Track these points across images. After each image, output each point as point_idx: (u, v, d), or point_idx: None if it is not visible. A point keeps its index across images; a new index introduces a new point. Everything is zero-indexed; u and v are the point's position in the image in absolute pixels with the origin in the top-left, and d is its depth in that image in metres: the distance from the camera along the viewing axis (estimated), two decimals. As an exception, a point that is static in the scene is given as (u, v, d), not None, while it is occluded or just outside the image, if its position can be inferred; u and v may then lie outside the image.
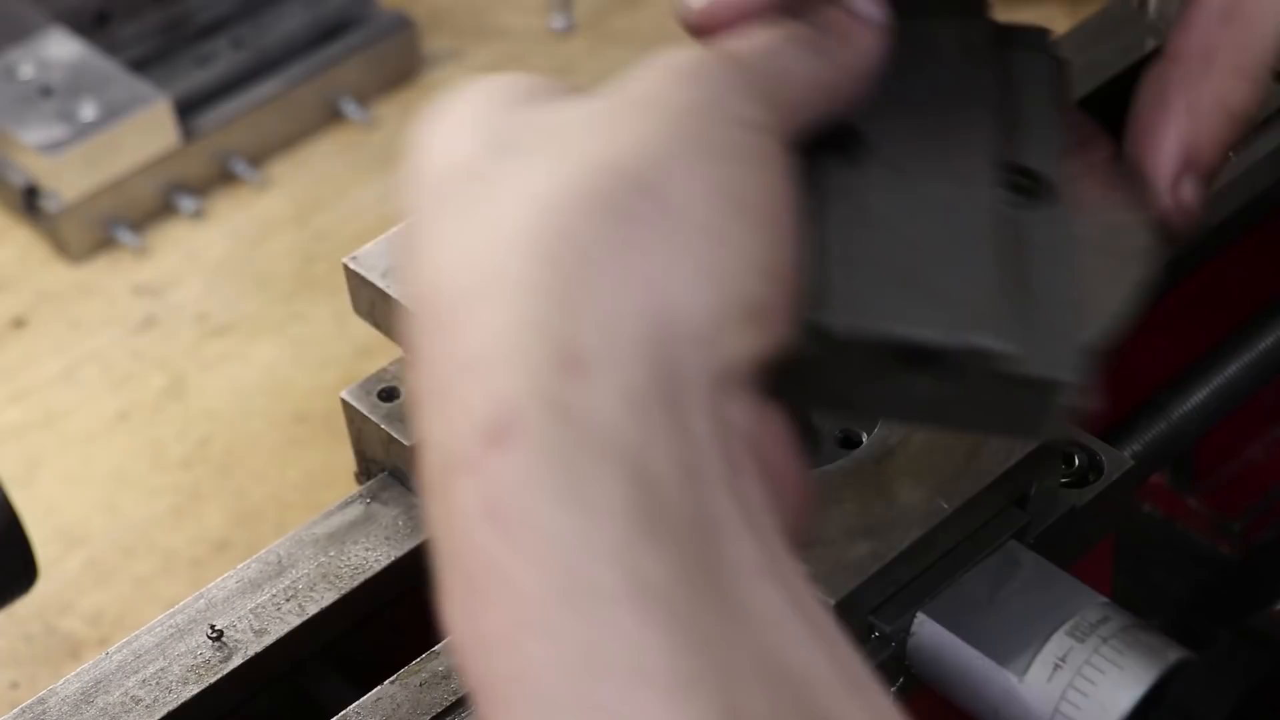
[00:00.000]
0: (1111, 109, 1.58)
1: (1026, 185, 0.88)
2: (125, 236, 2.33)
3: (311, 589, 1.30)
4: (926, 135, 0.88)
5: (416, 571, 1.33)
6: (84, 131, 2.30)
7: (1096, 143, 0.96)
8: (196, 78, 2.46)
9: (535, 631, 0.67)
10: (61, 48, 2.41)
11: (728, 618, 0.69)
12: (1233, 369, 1.51)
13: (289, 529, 1.36)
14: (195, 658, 1.26)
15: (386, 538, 1.33)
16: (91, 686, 1.25)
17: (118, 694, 1.24)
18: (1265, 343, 1.51)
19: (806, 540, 0.91)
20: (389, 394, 1.36)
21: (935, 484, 1.14)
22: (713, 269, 0.74)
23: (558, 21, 2.57)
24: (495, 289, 0.74)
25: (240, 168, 2.40)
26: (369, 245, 1.39)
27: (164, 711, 1.23)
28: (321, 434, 2.07)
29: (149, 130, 2.33)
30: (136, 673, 1.26)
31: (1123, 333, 1.00)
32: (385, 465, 1.36)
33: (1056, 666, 1.09)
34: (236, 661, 1.26)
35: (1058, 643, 1.10)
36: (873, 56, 0.86)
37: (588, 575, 0.67)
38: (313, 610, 1.29)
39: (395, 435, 1.33)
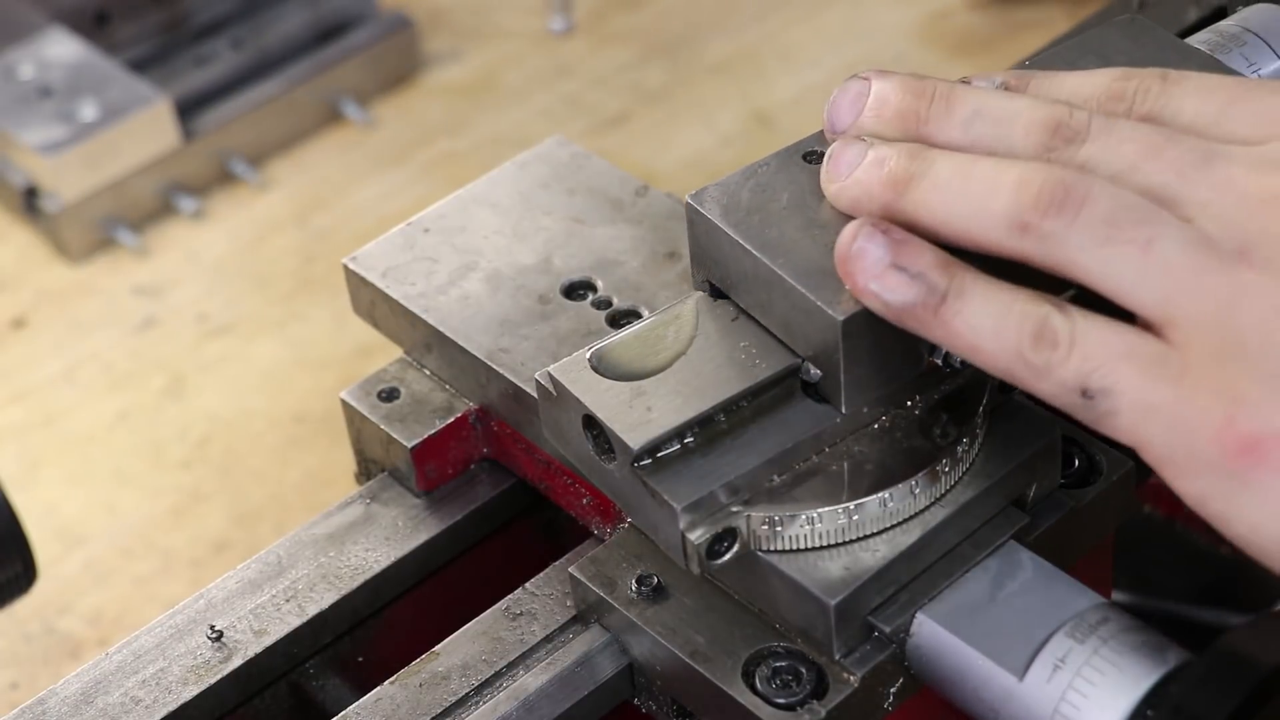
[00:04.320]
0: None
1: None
2: (125, 236, 2.33)
3: (311, 589, 1.30)
4: None
5: (416, 571, 1.33)
6: (84, 132, 2.29)
7: None
8: (196, 78, 2.46)
9: None
10: (61, 48, 2.41)
11: None
12: (1232, 369, 1.50)
13: (289, 529, 1.36)
14: (195, 658, 1.26)
15: (386, 538, 1.33)
16: (91, 687, 1.25)
17: (118, 694, 1.25)
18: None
19: None
20: (389, 394, 1.36)
21: None
22: None
23: (557, 22, 2.57)
24: None
25: (240, 168, 2.40)
26: (369, 245, 1.39)
27: (164, 712, 1.23)
28: (321, 434, 2.07)
29: (149, 130, 2.33)
30: (136, 673, 1.26)
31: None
32: (385, 465, 1.36)
33: (1056, 667, 1.09)
34: (236, 662, 1.26)
35: (1058, 643, 1.10)
36: None
37: None
38: (313, 610, 1.29)
39: (395, 435, 1.33)
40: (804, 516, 1.12)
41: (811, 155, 1.19)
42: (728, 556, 1.13)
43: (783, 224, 1.15)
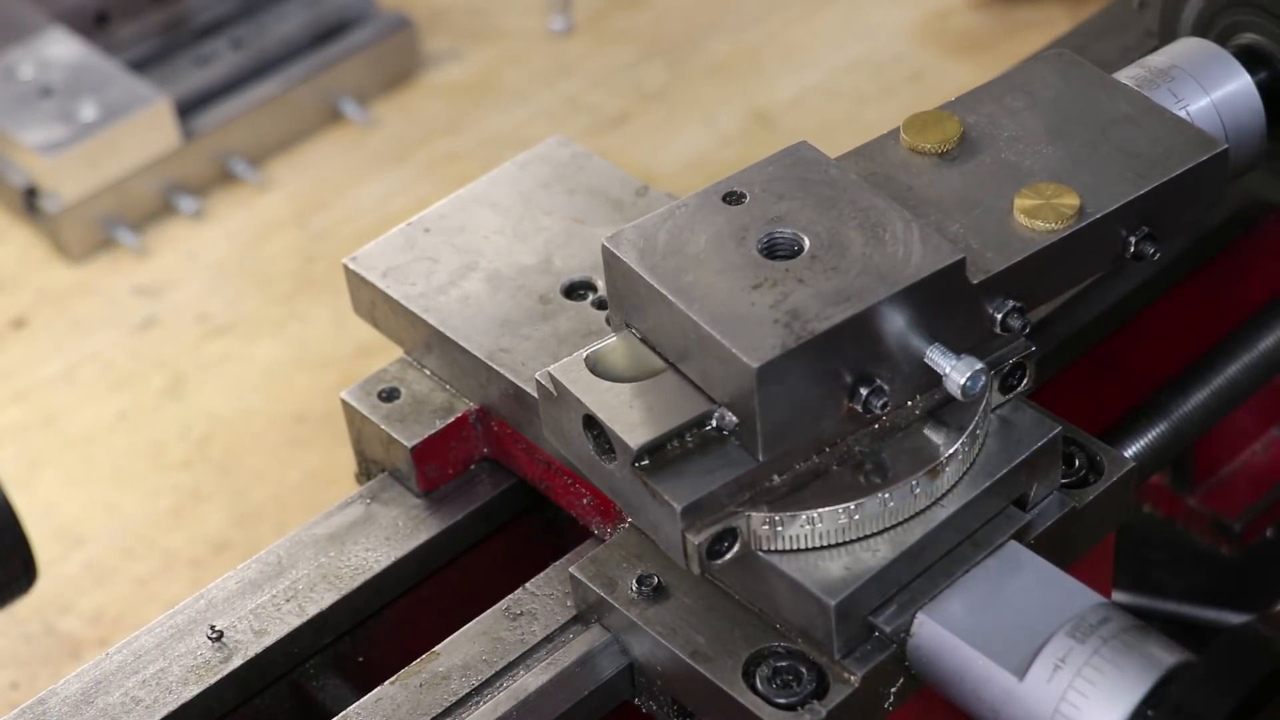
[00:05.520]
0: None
1: None
2: (125, 236, 2.33)
3: (312, 589, 1.30)
4: None
5: (416, 571, 1.33)
6: (84, 131, 2.30)
7: None
8: (196, 78, 2.46)
9: None
10: (61, 48, 2.41)
11: None
12: (1233, 369, 1.51)
13: (289, 529, 1.36)
14: (195, 658, 1.26)
15: (386, 538, 1.33)
16: (91, 687, 1.25)
17: (118, 694, 1.25)
18: (1265, 343, 1.52)
19: None
20: (389, 394, 1.36)
21: None
22: None
23: (557, 22, 2.58)
24: None
25: (240, 168, 2.40)
26: (369, 245, 1.39)
27: (164, 712, 1.23)
28: (321, 434, 2.07)
29: (149, 130, 2.33)
30: (136, 673, 1.26)
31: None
32: (385, 465, 1.36)
33: (1056, 667, 1.09)
34: (236, 662, 1.26)
35: (1058, 643, 1.10)
36: None
37: None
38: (313, 610, 1.29)
39: (395, 435, 1.33)
40: (804, 516, 1.12)
41: (731, 196, 1.17)
42: (728, 556, 1.13)
43: (699, 268, 1.13)
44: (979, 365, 1.12)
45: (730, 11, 2.59)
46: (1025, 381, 1.20)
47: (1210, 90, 1.30)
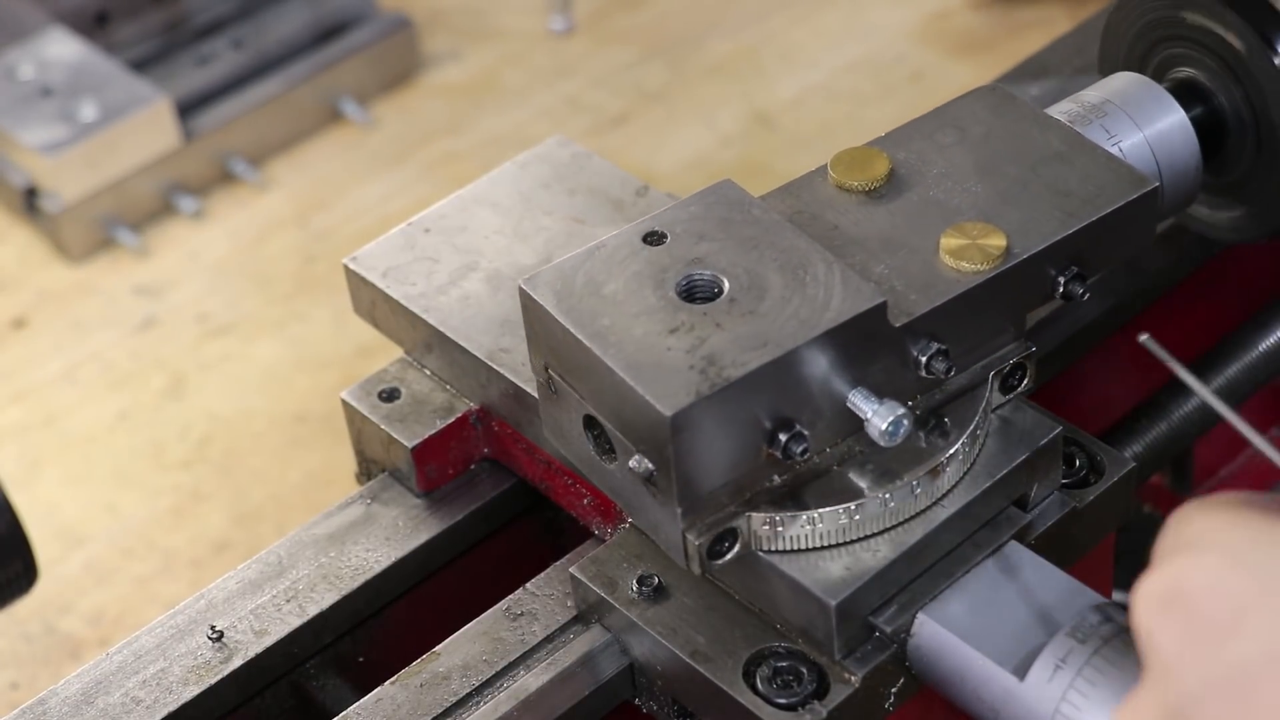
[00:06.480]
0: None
1: None
2: (125, 236, 2.33)
3: (312, 589, 1.30)
4: None
5: (416, 571, 1.33)
6: (84, 131, 2.29)
7: None
8: (196, 78, 2.46)
9: None
10: (61, 48, 2.41)
11: None
12: (1233, 369, 1.51)
13: (289, 529, 1.36)
14: (195, 658, 1.26)
15: (386, 538, 1.33)
16: (92, 687, 1.25)
17: (118, 695, 1.25)
18: (1265, 343, 1.51)
19: None
20: (389, 394, 1.36)
21: None
22: None
23: (557, 22, 2.57)
24: None
25: (240, 168, 2.40)
26: (369, 245, 1.39)
27: (164, 712, 1.23)
28: (321, 434, 2.07)
29: (149, 130, 2.33)
30: (137, 673, 1.26)
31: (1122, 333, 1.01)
32: (385, 465, 1.36)
33: (1057, 667, 1.09)
34: (237, 662, 1.26)
35: (1059, 643, 1.10)
36: None
37: None
38: (313, 611, 1.29)
39: (395, 435, 1.33)
40: (805, 516, 1.12)
41: (651, 236, 1.16)
42: (728, 556, 1.13)
43: (616, 311, 1.12)
44: (901, 410, 1.11)
45: (730, 11, 2.58)
46: (1025, 381, 1.20)
47: (1144, 126, 1.28)
